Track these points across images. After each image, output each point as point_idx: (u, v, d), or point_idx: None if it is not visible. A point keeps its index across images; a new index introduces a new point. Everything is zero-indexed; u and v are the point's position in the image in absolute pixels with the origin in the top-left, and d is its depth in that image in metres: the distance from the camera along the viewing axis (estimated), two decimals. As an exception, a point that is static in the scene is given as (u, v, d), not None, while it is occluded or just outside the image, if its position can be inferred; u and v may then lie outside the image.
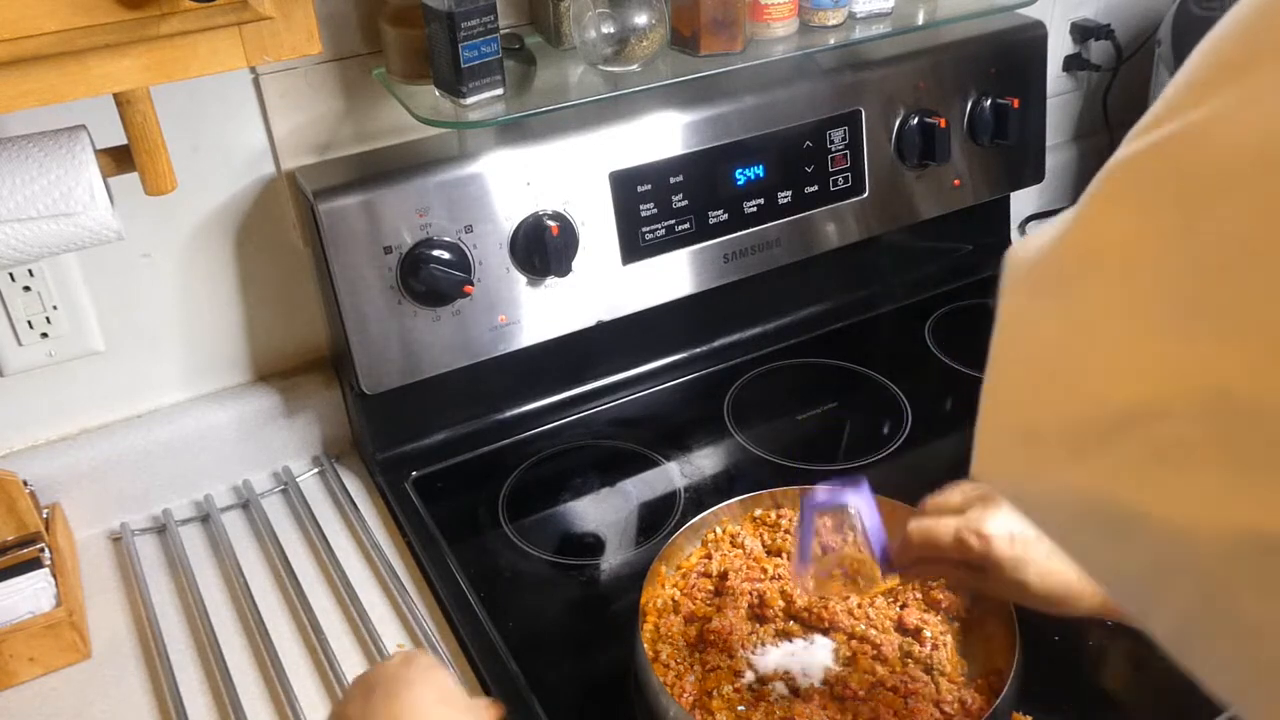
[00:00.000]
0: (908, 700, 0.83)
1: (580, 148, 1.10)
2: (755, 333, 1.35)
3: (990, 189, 1.39)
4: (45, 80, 0.67)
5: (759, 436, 1.20)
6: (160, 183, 0.84)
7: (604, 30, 1.01)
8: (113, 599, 1.05)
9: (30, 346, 1.05)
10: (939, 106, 1.28)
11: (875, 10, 1.15)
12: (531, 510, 1.12)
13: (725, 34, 1.05)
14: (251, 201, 1.09)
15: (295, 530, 1.12)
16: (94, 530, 1.12)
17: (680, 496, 1.12)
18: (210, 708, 0.93)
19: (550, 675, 0.92)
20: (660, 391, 1.29)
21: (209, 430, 1.14)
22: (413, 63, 1.00)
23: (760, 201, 1.21)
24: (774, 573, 0.95)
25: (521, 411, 1.23)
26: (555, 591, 1.02)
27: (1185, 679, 0.38)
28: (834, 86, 1.23)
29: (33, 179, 0.78)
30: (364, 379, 1.08)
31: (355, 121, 1.10)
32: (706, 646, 0.88)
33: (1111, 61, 1.56)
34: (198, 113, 1.03)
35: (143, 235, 1.05)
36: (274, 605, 1.03)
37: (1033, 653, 0.85)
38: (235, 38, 0.71)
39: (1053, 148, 1.55)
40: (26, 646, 0.95)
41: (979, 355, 0.45)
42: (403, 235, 1.04)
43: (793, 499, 1.02)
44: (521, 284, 1.11)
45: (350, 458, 1.22)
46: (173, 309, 1.11)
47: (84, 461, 1.09)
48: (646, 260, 1.17)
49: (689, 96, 1.15)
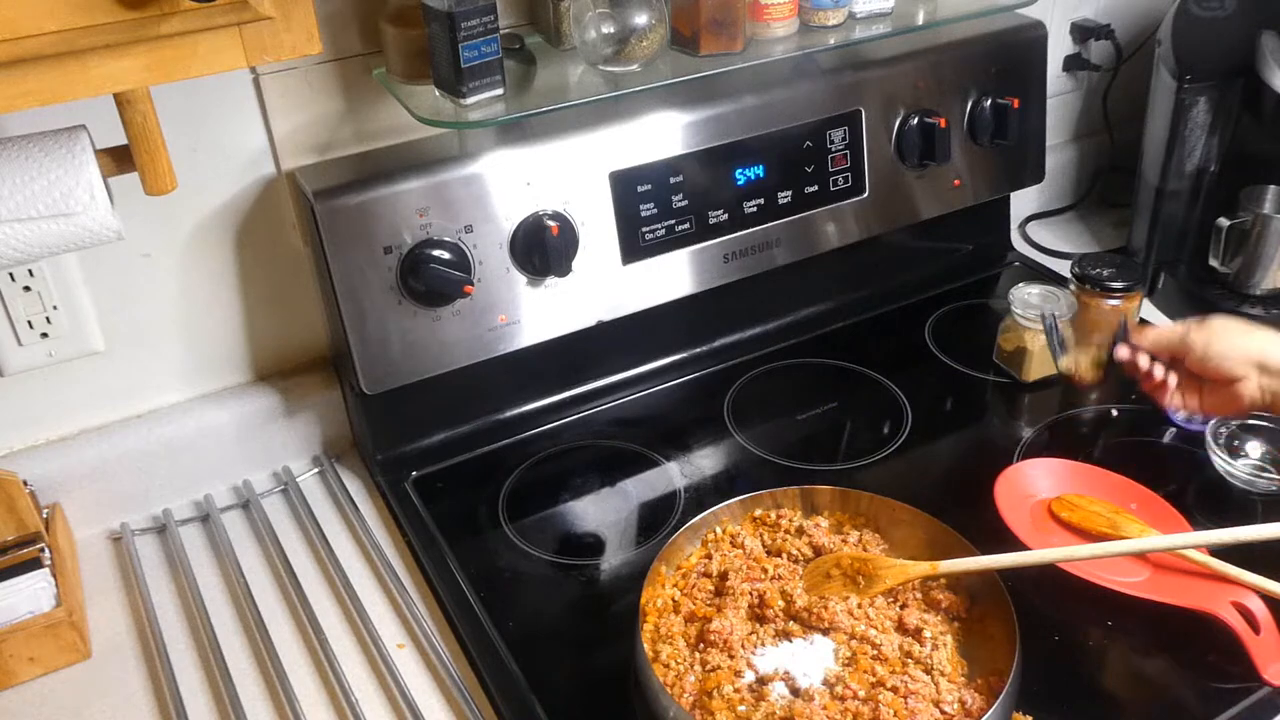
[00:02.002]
0: (908, 700, 0.82)
1: (580, 148, 1.10)
2: (755, 333, 1.35)
3: (990, 189, 1.39)
4: (45, 80, 0.67)
5: (759, 436, 1.20)
6: (160, 183, 0.84)
7: (604, 30, 1.01)
8: (113, 599, 1.05)
9: (30, 346, 1.05)
10: (939, 106, 1.28)
11: (875, 10, 1.15)
12: (531, 510, 1.12)
13: (725, 34, 1.05)
14: (251, 201, 1.09)
15: (295, 530, 1.12)
16: (94, 530, 1.12)
17: (680, 496, 1.12)
18: (210, 708, 0.93)
19: (550, 675, 0.92)
20: (660, 391, 1.29)
21: (209, 430, 1.14)
22: (413, 63, 1.00)
23: (760, 201, 1.21)
24: (774, 573, 0.95)
25: (521, 411, 1.23)
26: (555, 591, 1.02)
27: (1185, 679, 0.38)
28: (834, 86, 1.23)
29: (33, 179, 0.78)
30: (364, 379, 1.08)
31: (355, 121, 1.10)
32: (706, 646, 0.88)
33: (1111, 61, 1.56)
34: (198, 113, 1.03)
35: (143, 235, 1.05)
36: (274, 605, 1.03)
37: (1033, 653, 0.85)
38: (235, 38, 0.71)
39: (1053, 148, 1.55)
40: (26, 646, 0.95)
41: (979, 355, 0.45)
42: (403, 235, 1.04)
43: (793, 499, 1.02)
44: (521, 284, 1.11)
45: (350, 458, 1.22)
46: (173, 309, 1.11)
47: (84, 461, 1.09)
48: (646, 260, 1.17)
49: (689, 96, 1.15)
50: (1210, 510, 1.06)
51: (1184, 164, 1.39)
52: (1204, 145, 1.37)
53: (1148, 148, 1.43)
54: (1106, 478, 1.07)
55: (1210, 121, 1.36)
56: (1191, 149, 1.38)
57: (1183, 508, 1.03)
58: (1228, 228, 1.32)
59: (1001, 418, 1.25)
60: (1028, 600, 0.89)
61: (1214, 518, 1.04)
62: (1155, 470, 1.09)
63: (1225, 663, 0.89)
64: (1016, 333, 1.25)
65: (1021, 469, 1.10)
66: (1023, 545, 0.98)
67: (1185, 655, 0.91)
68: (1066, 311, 1.23)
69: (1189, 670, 0.91)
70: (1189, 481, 1.10)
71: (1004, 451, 1.15)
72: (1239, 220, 1.32)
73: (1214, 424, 1.12)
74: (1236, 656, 0.89)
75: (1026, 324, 1.23)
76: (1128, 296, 1.26)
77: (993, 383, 1.27)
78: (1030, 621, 0.86)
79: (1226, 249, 1.33)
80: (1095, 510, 1.03)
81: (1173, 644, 0.92)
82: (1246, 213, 1.32)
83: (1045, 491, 1.07)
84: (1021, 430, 1.20)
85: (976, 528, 0.96)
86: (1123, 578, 0.95)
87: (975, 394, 1.27)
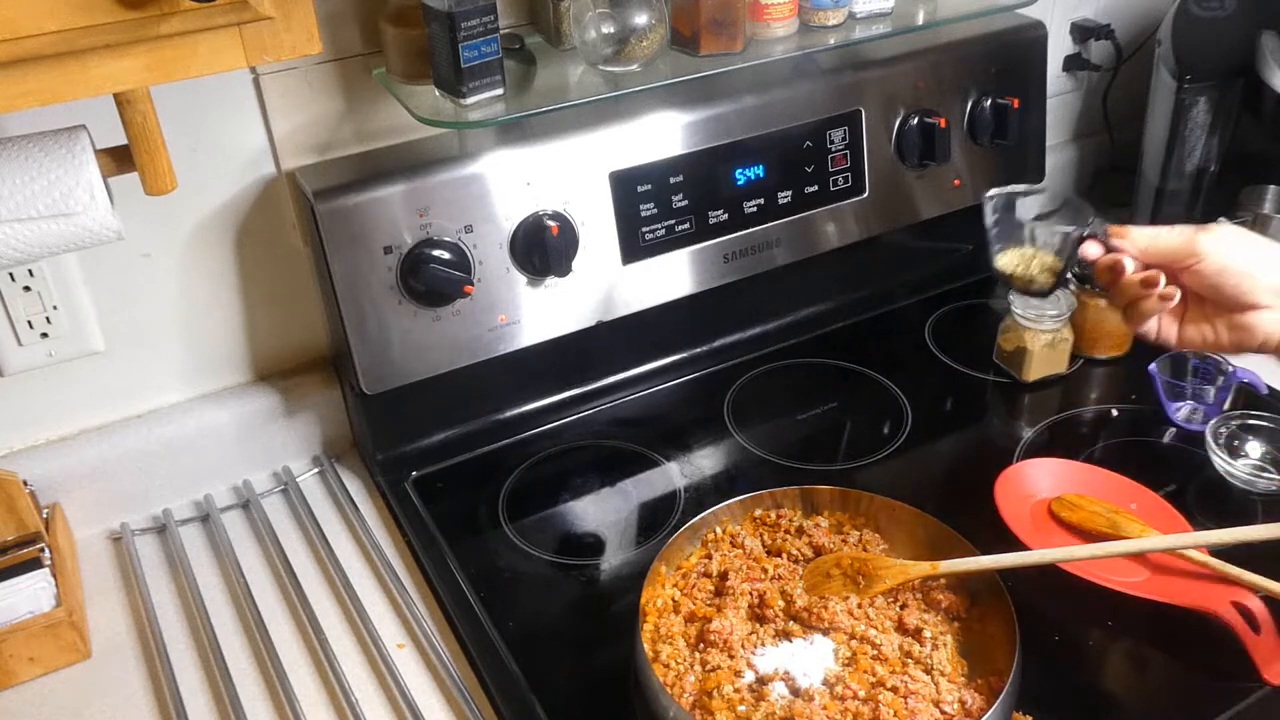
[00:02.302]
0: (908, 700, 0.82)
1: (580, 148, 1.10)
2: (755, 333, 1.35)
3: (990, 189, 1.39)
4: (45, 80, 0.67)
5: (759, 436, 1.20)
6: (160, 183, 0.84)
7: (604, 30, 1.01)
8: (113, 599, 1.05)
9: (30, 346, 1.05)
10: (939, 106, 1.28)
11: (875, 10, 1.15)
12: (531, 510, 1.12)
13: (725, 34, 1.05)
14: (251, 201, 1.09)
15: (295, 530, 1.12)
16: (94, 530, 1.12)
17: (680, 496, 1.12)
18: (210, 708, 0.93)
19: (550, 675, 0.92)
20: (660, 391, 1.29)
21: (209, 430, 1.14)
22: (413, 63, 1.00)
23: (760, 201, 1.21)
24: (774, 573, 0.95)
25: (521, 411, 1.23)
26: (555, 591, 1.02)
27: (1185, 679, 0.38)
28: (834, 86, 1.23)
29: (33, 179, 0.78)
30: (364, 379, 1.08)
31: (355, 121, 1.10)
32: (706, 646, 0.88)
33: (1111, 61, 1.56)
34: (198, 113, 1.03)
35: (143, 235, 1.05)
36: (274, 605, 1.03)
37: (1033, 653, 0.85)
38: (235, 38, 0.71)
39: (1053, 148, 1.55)
40: (26, 646, 0.95)
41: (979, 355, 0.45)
42: (403, 235, 1.04)
43: (793, 499, 1.02)
44: (521, 284, 1.11)
45: (350, 458, 1.22)
46: (173, 309, 1.11)
47: (84, 461, 1.09)
48: (646, 260, 1.17)
49: (689, 96, 1.15)
50: (1210, 510, 1.06)
51: (1184, 164, 1.39)
52: (1204, 145, 1.37)
53: (1148, 148, 1.43)
54: (1106, 478, 1.07)
55: (1210, 121, 1.36)
56: (1191, 149, 1.38)
57: (1183, 508, 1.03)
58: (1228, 228, 1.32)
59: (1001, 418, 1.25)
60: (1028, 600, 0.88)
61: (1214, 518, 1.04)
62: (1155, 470, 1.09)
63: (1225, 663, 0.89)
64: (1016, 333, 1.25)
65: (1021, 469, 1.10)
66: (1023, 545, 0.98)
67: (1185, 655, 0.91)
68: (1065, 311, 1.22)
69: (1189, 670, 0.91)
70: (1189, 481, 1.10)
71: (1004, 451, 1.15)
72: (1239, 220, 1.32)
73: (1214, 424, 1.12)
74: (1236, 656, 0.89)
75: (1026, 324, 1.23)
76: (1128, 296, 1.26)
77: (993, 383, 1.27)
78: (1030, 621, 0.86)
79: (1227, 249, 1.33)
80: (1095, 510, 1.03)
81: (1173, 644, 0.92)
82: (1246, 213, 1.32)
83: (1045, 491, 1.07)
84: (1021, 430, 1.20)
85: (976, 528, 0.96)
86: (1123, 578, 0.95)
87: (975, 394, 1.27)
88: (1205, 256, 0.80)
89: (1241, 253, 0.81)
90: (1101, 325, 1.28)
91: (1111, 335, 1.29)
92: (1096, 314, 1.27)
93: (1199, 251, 0.81)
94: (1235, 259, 0.80)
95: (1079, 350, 1.28)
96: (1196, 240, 0.81)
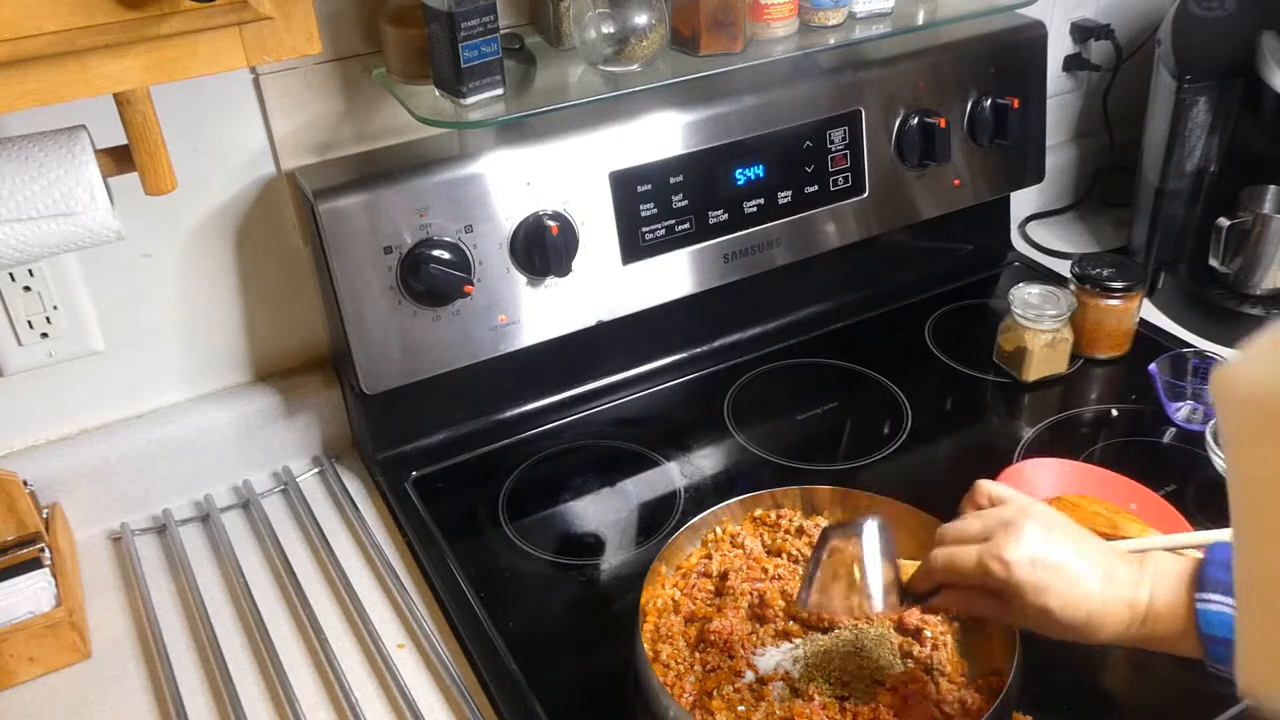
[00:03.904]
0: (908, 700, 0.82)
1: (580, 148, 1.10)
2: (755, 333, 1.35)
3: (990, 189, 1.39)
4: (45, 80, 0.67)
5: (759, 436, 1.20)
6: (160, 183, 0.84)
7: (604, 30, 1.01)
8: (113, 599, 1.05)
9: (30, 346, 1.05)
10: (939, 106, 1.28)
11: (875, 10, 1.15)
12: (531, 510, 1.12)
13: (725, 34, 1.05)
14: (251, 201, 1.09)
15: (295, 530, 1.12)
16: (94, 530, 1.12)
17: (680, 496, 1.12)
18: (210, 708, 0.93)
19: (550, 675, 0.92)
20: (660, 391, 1.29)
21: (209, 430, 1.14)
22: (413, 63, 1.00)
23: (760, 201, 1.21)
24: (774, 573, 0.95)
25: (521, 411, 1.23)
26: (555, 591, 1.02)
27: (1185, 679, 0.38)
28: (834, 86, 1.23)
29: (33, 179, 0.78)
30: (364, 379, 1.08)
31: (355, 121, 1.10)
32: (706, 646, 0.88)
33: (1111, 61, 1.56)
34: (198, 113, 1.03)
35: (143, 235, 1.05)
36: (274, 605, 1.03)
37: (1033, 653, 0.85)
38: (235, 38, 0.71)
39: (1053, 148, 1.55)
40: (26, 646, 0.95)
41: (979, 355, 0.45)
42: (403, 235, 1.04)
43: (793, 499, 1.02)
44: (521, 284, 1.11)
45: (350, 458, 1.22)
46: (173, 309, 1.11)
47: (84, 461, 1.09)
48: (646, 260, 1.17)
49: (689, 96, 1.15)
50: (1210, 510, 1.06)
51: (1184, 164, 1.39)
52: (1204, 145, 1.37)
53: (1148, 148, 1.43)
54: (1106, 478, 1.07)
55: (1210, 121, 1.36)
56: (1191, 149, 1.38)
57: (1183, 508, 1.03)
58: (1228, 228, 1.32)
59: (1001, 418, 1.25)
60: (1028, 600, 0.88)
61: (1214, 518, 1.04)
62: (1155, 470, 1.09)
63: (1225, 663, 0.89)
64: (1016, 333, 1.25)
65: (1021, 469, 1.10)
66: (1023, 545, 0.98)
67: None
68: (1065, 311, 1.23)
69: (1189, 670, 0.90)
70: (1189, 481, 1.10)
71: (1004, 451, 1.15)
72: (1239, 220, 1.32)
73: (1214, 423, 1.12)
74: (1236, 656, 0.89)
75: (1026, 324, 1.23)
76: (1128, 296, 1.26)
77: (993, 383, 1.27)
78: (1030, 621, 0.86)
79: (1226, 249, 1.33)
80: (1095, 510, 1.03)
81: (1173, 644, 0.92)
82: (1246, 213, 1.32)
83: (1045, 491, 1.07)
84: (1021, 430, 1.20)
85: (976, 528, 0.96)
86: (1123, 578, 0.95)
87: (975, 394, 1.27)
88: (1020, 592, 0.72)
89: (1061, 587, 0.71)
90: (1101, 325, 1.28)
91: (1111, 335, 1.29)
92: (1096, 314, 1.27)
93: (1009, 584, 0.72)
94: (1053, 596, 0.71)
95: (1079, 350, 1.29)
96: (1010, 576, 0.71)
